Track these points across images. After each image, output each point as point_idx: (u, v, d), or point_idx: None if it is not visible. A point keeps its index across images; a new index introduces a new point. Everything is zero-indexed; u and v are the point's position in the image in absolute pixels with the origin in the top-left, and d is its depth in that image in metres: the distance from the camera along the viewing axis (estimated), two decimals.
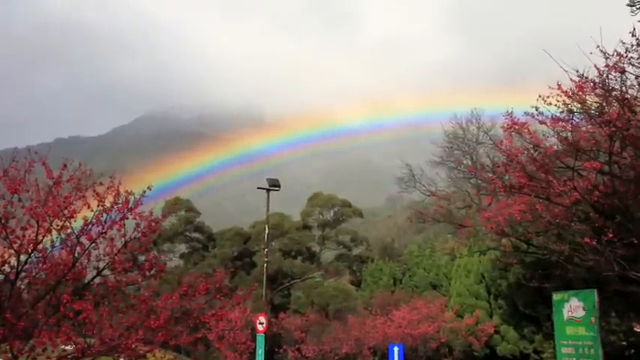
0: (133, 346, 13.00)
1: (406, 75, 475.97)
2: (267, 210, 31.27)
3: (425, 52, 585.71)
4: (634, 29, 14.76)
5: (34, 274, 12.54)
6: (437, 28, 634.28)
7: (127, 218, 12.83)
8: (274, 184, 29.93)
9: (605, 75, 15.51)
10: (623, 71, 15.31)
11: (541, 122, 17.20)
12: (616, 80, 15.60)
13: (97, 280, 13.26)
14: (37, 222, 12.12)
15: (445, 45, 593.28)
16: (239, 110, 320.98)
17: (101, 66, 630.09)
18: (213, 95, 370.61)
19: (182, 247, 58.67)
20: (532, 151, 17.93)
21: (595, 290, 17.15)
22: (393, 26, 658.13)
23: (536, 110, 16.75)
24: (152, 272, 13.60)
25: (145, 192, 13.16)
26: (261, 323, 26.62)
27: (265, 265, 31.91)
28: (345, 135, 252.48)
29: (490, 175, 23.06)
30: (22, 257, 12.21)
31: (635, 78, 15.75)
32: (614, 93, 15.73)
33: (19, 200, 12.26)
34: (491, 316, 36.70)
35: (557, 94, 16.27)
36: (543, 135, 18.05)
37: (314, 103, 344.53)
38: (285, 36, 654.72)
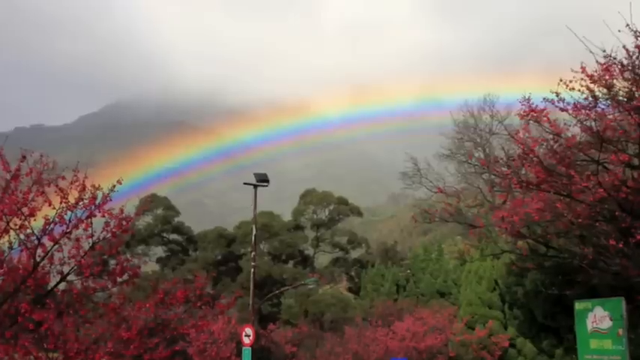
0: None
1: (388, 60, 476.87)
2: (255, 208, 31.17)
3: (405, 35, 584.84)
4: None
5: None
6: (413, 8, 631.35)
7: (95, 216, 12.74)
8: (262, 179, 29.83)
9: (635, 56, 15.49)
10: None
11: (562, 109, 17.15)
12: None
13: (61, 286, 13.19)
14: None
15: (426, 26, 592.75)
16: (211, 97, 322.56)
17: (60, 50, 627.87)
18: (185, 80, 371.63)
19: (159, 250, 58.50)
20: (552, 143, 17.88)
21: (622, 298, 17.09)
22: (361, 6, 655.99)
23: (557, 96, 16.70)
24: (124, 277, 13.57)
25: (114, 187, 13.05)
26: (247, 335, 26.56)
27: (252, 270, 31.79)
28: (335, 126, 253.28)
29: (505, 169, 23.01)
30: None
31: None
32: None
33: None
34: (505, 328, 36.78)
35: (581, 79, 16.22)
36: (565, 124, 18.01)
37: (290, 89, 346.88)
38: (249, 18, 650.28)
